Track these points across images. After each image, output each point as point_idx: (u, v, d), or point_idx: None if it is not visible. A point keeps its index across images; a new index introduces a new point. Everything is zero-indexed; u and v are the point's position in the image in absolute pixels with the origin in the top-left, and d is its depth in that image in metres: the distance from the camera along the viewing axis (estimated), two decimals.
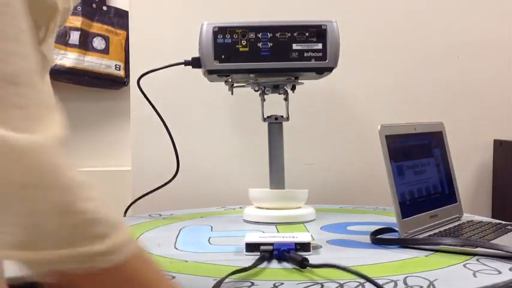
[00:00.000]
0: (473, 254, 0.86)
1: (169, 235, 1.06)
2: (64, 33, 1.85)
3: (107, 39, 1.97)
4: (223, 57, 1.11)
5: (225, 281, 0.74)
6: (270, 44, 1.11)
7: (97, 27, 1.94)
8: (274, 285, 0.74)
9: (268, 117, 1.21)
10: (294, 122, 1.24)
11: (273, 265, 0.84)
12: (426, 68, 1.52)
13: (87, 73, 1.90)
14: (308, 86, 1.24)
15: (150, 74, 1.22)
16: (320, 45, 1.12)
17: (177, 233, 1.08)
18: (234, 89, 1.22)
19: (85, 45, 1.90)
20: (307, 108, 1.47)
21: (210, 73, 1.13)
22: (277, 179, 1.21)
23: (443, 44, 1.52)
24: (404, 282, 0.74)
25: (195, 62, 1.14)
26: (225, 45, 1.10)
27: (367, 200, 1.44)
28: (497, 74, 1.55)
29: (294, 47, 1.12)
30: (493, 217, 1.46)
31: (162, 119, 1.24)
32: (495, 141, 1.55)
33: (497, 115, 1.55)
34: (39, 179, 0.45)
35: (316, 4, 1.47)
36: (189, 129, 1.45)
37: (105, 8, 1.96)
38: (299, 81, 1.20)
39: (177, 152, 1.26)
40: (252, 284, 0.75)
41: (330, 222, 1.15)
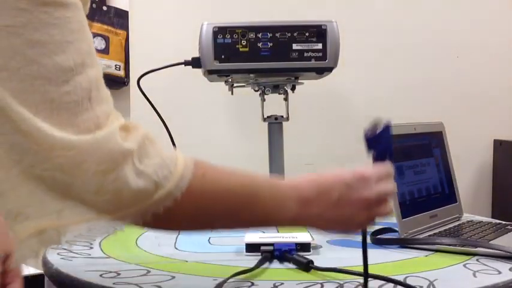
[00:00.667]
0: (473, 254, 0.86)
1: (169, 235, 1.05)
2: None
3: (106, 39, 1.96)
4: (223, 57, 1.10)
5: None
6: (270, 44, 1.11)
7: (97, 27, 1.94)
8: (274, 285, 0.74)
9: (268, 117, 1.21)
10: (294, 122, 1.24)
11: (272, 265, 0.84)
12: (426, 68, 1.52)
13: None
14: (308, 86, 1.24)
15: (150, 74, 1.22)
16: (320, 45, 1.12)
17: (177, 233, 1.08)
18: (234, 89, 1.21)
19: None
20: (307, 108, 1.46)
21: (210, 73, 1.13)
22: None
23: (443, 44, 1.52)
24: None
25: (195, 62, 1.14)
26: (225, 45, 1.10)
27: None
28: (497, 74, 1.55)
29: (294, 47, 1.12)
30: (493, 217, 1.46)
31: (162, 119, 1.24)
32: (495, 141, 1.55)
33: (497, 115, 1.55)
34: (112, 164, 0.55)
35: (316, 4, 1.47)
36: (189, 129, 1.45)
37: (105, 8, 1.96)
38: (299, 81, 1.20)
39: None
40: (252, 284, 0.75)
41: None
